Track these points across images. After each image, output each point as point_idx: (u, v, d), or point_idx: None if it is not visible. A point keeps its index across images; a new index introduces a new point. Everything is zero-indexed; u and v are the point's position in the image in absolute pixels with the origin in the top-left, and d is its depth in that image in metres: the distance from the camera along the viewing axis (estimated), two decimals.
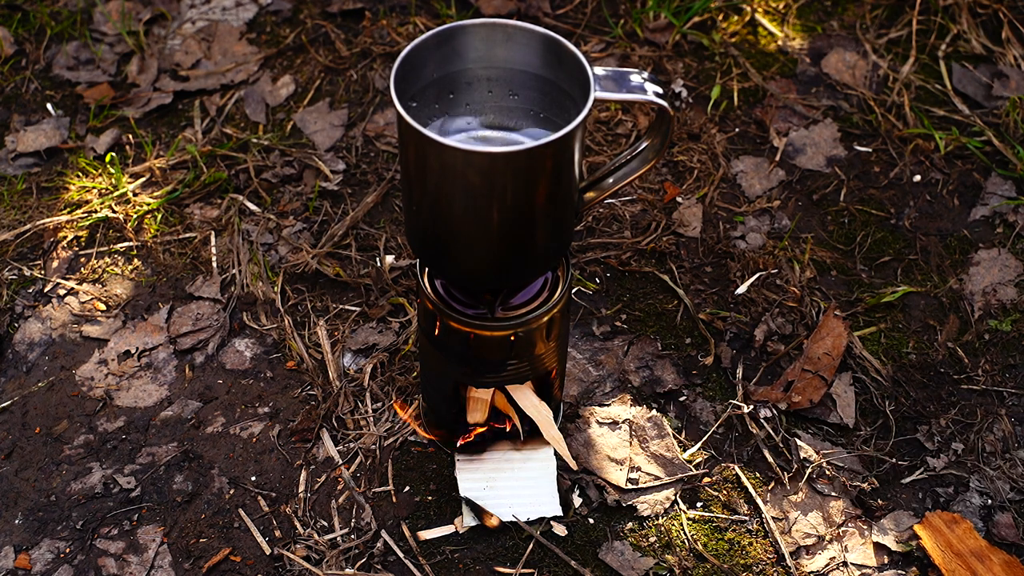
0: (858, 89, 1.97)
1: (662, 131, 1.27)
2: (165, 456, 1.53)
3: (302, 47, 2.06)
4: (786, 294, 1.70)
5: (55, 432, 1.56)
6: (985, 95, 1.97)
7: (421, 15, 2.09)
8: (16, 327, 1.67)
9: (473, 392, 1.44)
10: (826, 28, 2.08)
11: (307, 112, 1.95)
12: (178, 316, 1.68)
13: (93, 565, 1.43)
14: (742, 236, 1.78)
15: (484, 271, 1.29)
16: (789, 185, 1.85)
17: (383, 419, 1.56)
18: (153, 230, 1.79)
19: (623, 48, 2.03)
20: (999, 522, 1.47)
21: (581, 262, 1.74)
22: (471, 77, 1.28)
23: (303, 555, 1.43)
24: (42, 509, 1.48)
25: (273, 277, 1.72)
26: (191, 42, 2.06)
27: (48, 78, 2.02)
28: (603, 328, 1.66)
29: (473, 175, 1.17)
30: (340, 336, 1.64)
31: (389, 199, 1.82)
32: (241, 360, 1.63)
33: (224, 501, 1.49)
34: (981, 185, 1.85)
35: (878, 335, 1.66)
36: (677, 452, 1.53)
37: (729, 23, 2.08)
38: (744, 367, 1.63)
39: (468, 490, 1.46)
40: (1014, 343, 1.66)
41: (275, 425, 1.56)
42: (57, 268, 1.74)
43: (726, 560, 1.44)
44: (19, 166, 1.89)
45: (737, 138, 1.92)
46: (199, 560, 1.43)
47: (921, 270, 1.75)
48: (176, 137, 1.91)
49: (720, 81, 1.99)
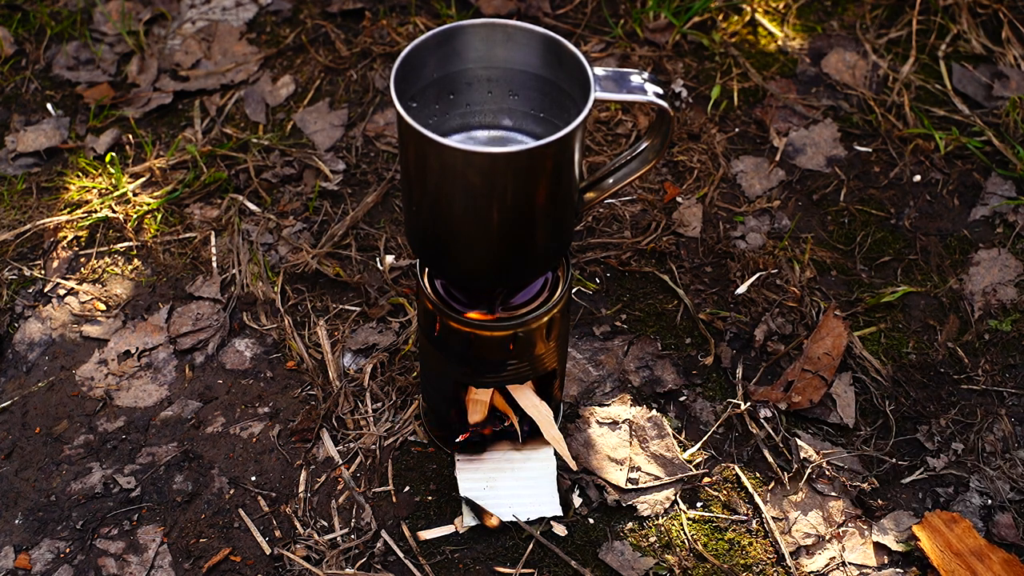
0: (858, 89, 1.97)
1: (662, 131, 1.27)
2: (165, 456, 1.53)
3: (302, 47, 2.06)
4: (786, 294, 1.70)
5: (55, 432, 1.56)
6: (985, 95, 1.97)
7: (421, 15, 2.09)
8: (16, 327, 1.67)
9: (472, 394, 1.44)
10: (826, 28, 2.08)
11: (307, 112, 1.95)
12: (178, 316, 1.68)
13: (93, 565, 1.43)
14: (742, 236, 1.78)
15: (484, 271, 1.29)
16: (789, 185, 1.85)
17: (383, 419, 1.56)
18: (153, 230, 1.79)
19: (623, 48, 2.03)
20: (999, 522, 1.47)
21: (581, 262, 1.74)
22: (471, 77, 1.28)
23: (303, 555, 1.43)
24: (42, 509, 1.48)
25: (273, 277, 1.72)
26: (191, 42, 2.06)
27: (48, 78, 2.02)
28: (603, 328, 1.66)
29: (473, 175, 1.17)
30: (340, 336, 1.64)
31: (389, 199, 1.82)
32: (241, 360, 1.63)
33: (224, 501, 1.49)
34: (981, 185, 1.85)
35: (878, 335, 1.66)
36: (677, 452, 1.53)
37: (729, 23, 2.08)
38: (744, 367, 1.63)
39: (468, 490, 1.46)
40: (1014, 343, 1.66)
41: (275, 425, 1.56)
42: (57, 268, 1.74)
43: (726, 560, 1.44)
44: (19, 166, 1.89)
45: (737, 138, 1.92)
46: (199, 560, 1.43)
47: (921, 270, 1.75)
48: (176, 137, 1.91)
49: (720, 81, 1.99)
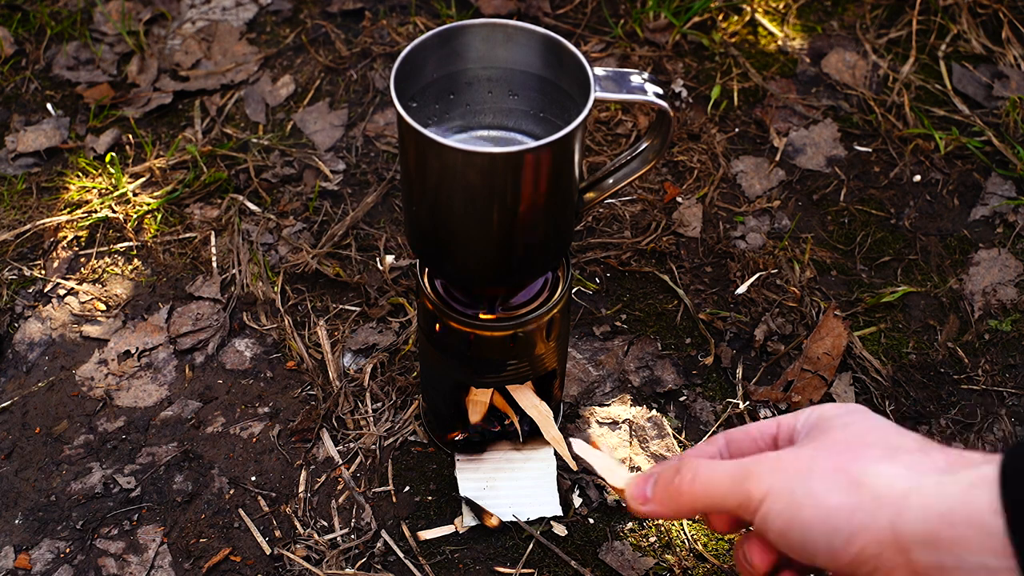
0: (858, 89, 1.97)
1: (662, 132, 1.27)
2: (165, 456, 1.53)
3: (302, 47, 2.06)
4: (786, 294, 1.70)
5: (55, 432, 1.56)
6: (985, 95, 1.97)
7: (421, 15, 2.09)
8: (16, 327, 1.67)
9: (472, 396, 1.44)
10: (826, 28, 2.08)
11: (307, 112, 1.95)
12: (178, 316, 1.68)
13: (93, 565, 1.43)
14: (742, 236, 1.78)
15: (484, 271, 1.29)
16: (789, 185, 1.85)
17: (383, 419, 1.56)
18: (153, 230, 1.79)
19: (623, 48, 2.03)
20: None
21: (581, 262, 1.74)
22: (471, 77, 1.28)
23: (303, 555, 1.43)
24: (42, 509, 1.48)
25: (273, 277, 1.72)
26: (191, 42, 2.06)
27: (48, 78, 2.02)
28: (603, 328, 1.66)
29: (473, 175, 1.17)
30: (340, 336, 1.64)
31: (389, 199, 1.82)
32: (241, 360, 1.64)
33: (224, 501, 1.49)
34: (981, 185, 1.85)
35: (878, 335, 1.66)
36: (677, 452, 1.53)
37: (729, 23, 2.08)
38: (744, 367, 1.63)
39: (468, 490, 1.46)
40: (1014, 343, 1.66)
41: (275, 425, 1.56)
42: (57, 268, 1.74)
43: (726, 560, 1.44)
44: (19, 166, 1.89)
45: (737, 138, 1.92)
46: (199, 560, 1.43)
47: (921, 270, 1.75)
48: (176, 137, 1.91)
49: (720, 81, 1.99)
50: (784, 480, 0.93)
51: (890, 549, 0.87)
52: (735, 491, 0.96)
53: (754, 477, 0.94)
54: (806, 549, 0.91)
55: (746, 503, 0.95)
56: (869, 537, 0.87)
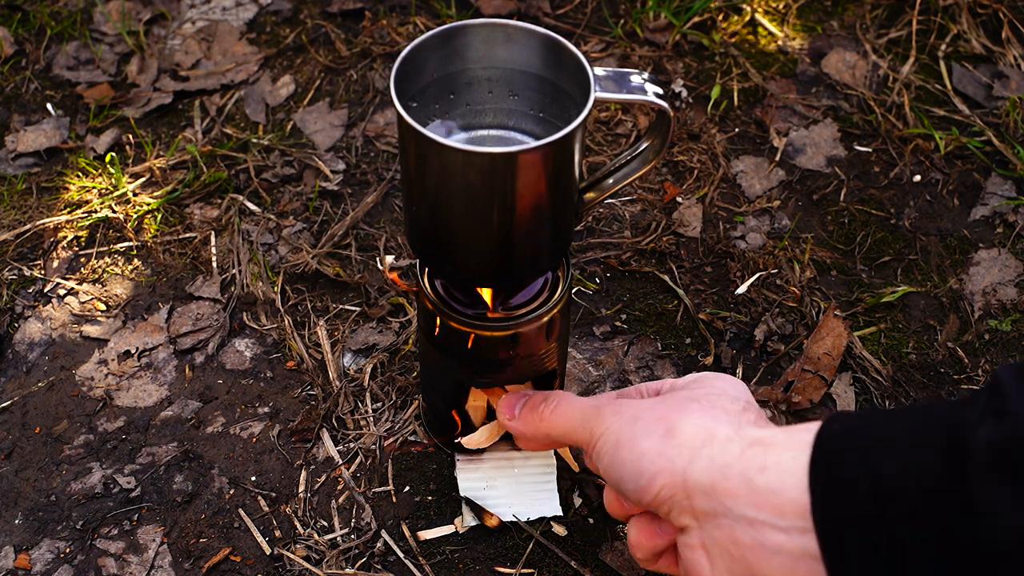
0: (858, 89, 1.97)
1: (662, 132, 1.27)
2: (165, 456, 1.53)
3: (302, 47, 2.06)
4: (786, 294, 1.70)
5: (55, 432, 1.56)
6: (985, 95, 1.97)
7: (421, 15, 2.10)
8: (16, 327, 1.67)
9: (471, 401, 1.44)
10: (826, 28, 2.08)
11: (307, 112, 1.95)
12: (178, 316, 1.68)
13: (93, 565, 1.43)
14: (742, 236, 1.78)
15: (484, 271, 1.29)
16: (789, 185, 1.85)
17: (383, 419, 1.56)
18: (153, 230, 1.79)
19: (623, 48, 2.03)
20: None
21: (581, 262, 1.74)
22: (471, 77, 1.28)
23: (303, 555, 1.43)
24: (42, 509, 1.48)
25: (273, 277, 1.72)
26: (191, 42, 2.06)
27: (48, 78, 2.02)
28: (603, 328, 1.66)
29: (473, 175, 1.17)
30: (340, 336, 1.64)
31: (389, 199, 1.82)
32: (241, 360, 1.63)
33: (224, 501, 1.49)
34: (981, 185, 1.85)
35: (878, 335, 1.66)
36: None
37: (729, 23, 2.08)
38: (744, 367, 1.63)
39: (468, 490, 1.46)
40: (1014, 343, 1.66)
41: (275, 425, 1.56)
42: (57, 268, 1.74)
43: None
44: (19, 166, 1.89)
45: (737, 138, 1.92)
46: (199, 560, 1.43)
47: (921, 270, 1.75)
48: (176, 137, 1.91)
49: (720, 81, 1.99)
50: (618, 423, 1.06)
51: (680, 492, 0.98)
52: (583, 427, 1.11)
53: (599, 417, 1.08)
54: (621, 486, 1.04)
55: (588, 439, 1.09)
56: (665, 480, 0.99)
